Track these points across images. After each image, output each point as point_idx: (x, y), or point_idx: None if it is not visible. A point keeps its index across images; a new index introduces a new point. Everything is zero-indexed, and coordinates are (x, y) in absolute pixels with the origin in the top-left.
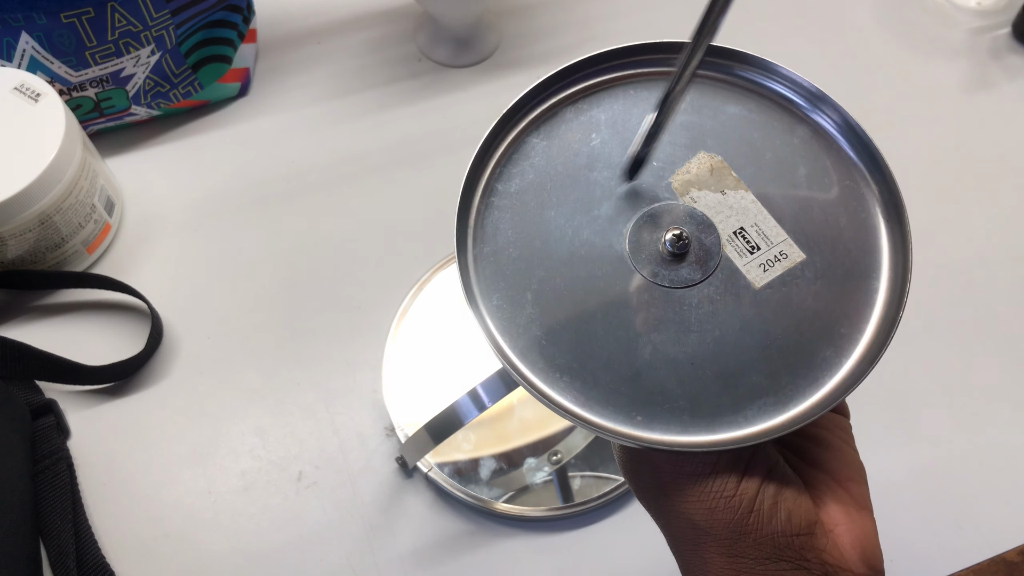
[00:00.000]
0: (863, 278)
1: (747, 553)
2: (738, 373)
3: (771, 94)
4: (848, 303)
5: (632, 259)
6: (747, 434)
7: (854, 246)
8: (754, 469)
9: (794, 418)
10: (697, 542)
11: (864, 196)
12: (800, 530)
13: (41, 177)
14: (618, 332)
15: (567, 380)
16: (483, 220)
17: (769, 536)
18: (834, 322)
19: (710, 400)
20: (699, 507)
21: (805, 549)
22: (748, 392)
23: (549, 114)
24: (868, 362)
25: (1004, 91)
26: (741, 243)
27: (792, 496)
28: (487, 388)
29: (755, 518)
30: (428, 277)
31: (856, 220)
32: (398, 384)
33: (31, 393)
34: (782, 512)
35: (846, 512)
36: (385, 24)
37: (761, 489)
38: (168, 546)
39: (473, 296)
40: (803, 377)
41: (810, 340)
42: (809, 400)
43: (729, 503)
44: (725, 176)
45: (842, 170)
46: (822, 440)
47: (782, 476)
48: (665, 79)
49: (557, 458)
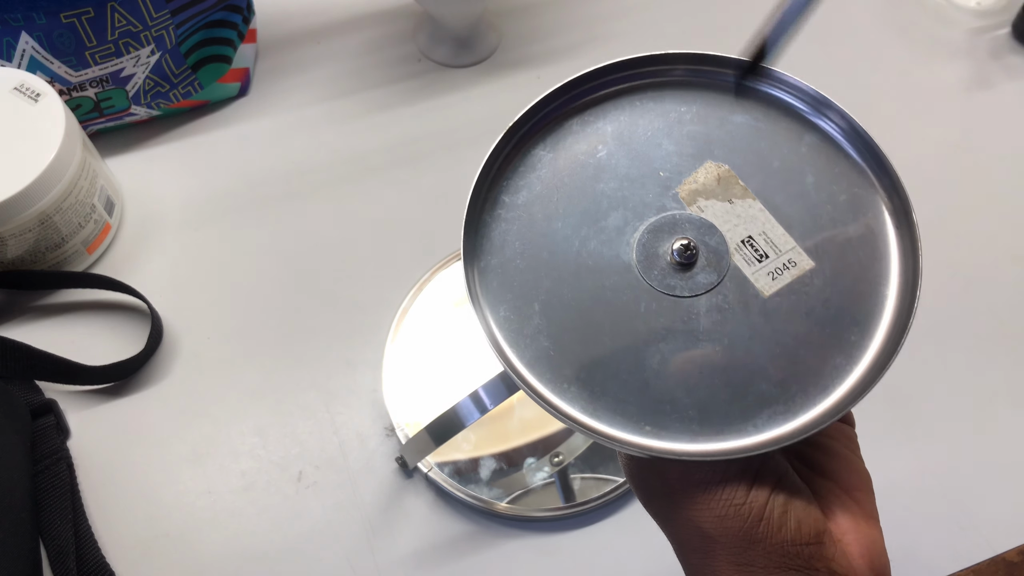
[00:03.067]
0: (873, 285)
1: (756, 562)
2: (747, 382)
3: (777, 102)
4: (858, 310)
5: (640, 269)
6: (757, 442)
7: (863, 253)
8: (764, 478)
9: (804, 426)
10: (706, 551)
11: (873, 203)
12: (810, 539)
13: (41, 177)
14: (626, 342)
15: (575, 390)
16: (490, 232)
17: (779, 545)
18: (844, 329)
19: (719, 409)
20: (709, 515)
21: (814, 559)
22: (757, 401)
23: (555, 126)
24: (879, 369)
25: (1004, 91)
26: (749, 252)
27: (802, 505)
28: (488, 390)
29: (765, 526)
30: (428, 277)
31: (865, 227)
32: (398, 384)
33: (31, 393)
34: (792, 521)
35: (854, 522)
36: (385, 24)
37: (771, 498)
38: (168, 546)
39: (480, 307)
40: (813, 385)
41: (820, 348)
42: (819, 408)
43: (739, 511)
44: (732, 185)
45: (850, 177)
46: (828, 449)
47: (792, 485)
48: (666, 88)
49: (559, 460)
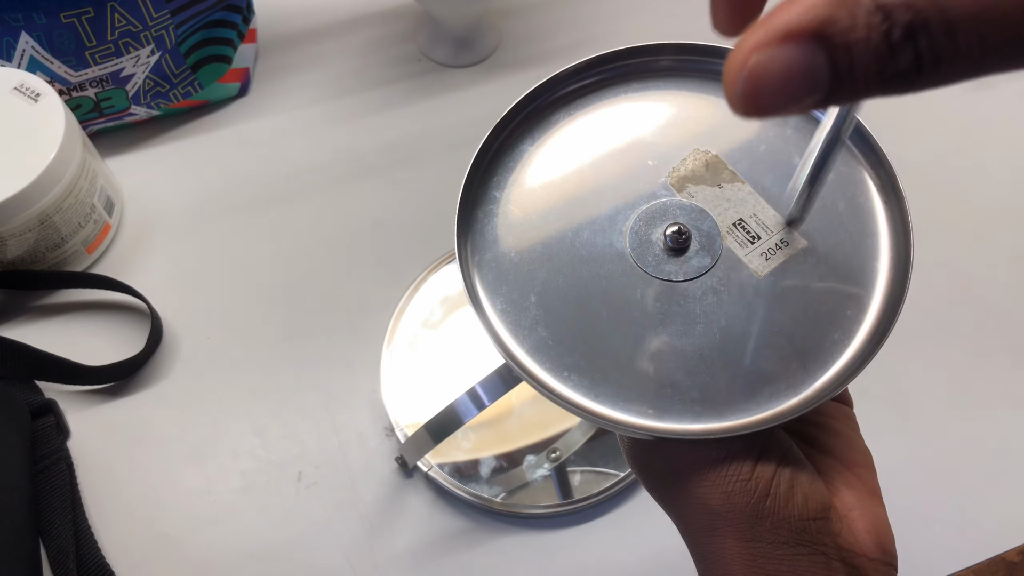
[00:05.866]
0: (866, 260)
1: (764, 537)
2: (747, 361)
3: None
4: (854, 285)
5: (633, 256)
6: (761, 418)
7: (854, 229)
8: (769, 453)
9: (807, 399)
10: (713, 528)
11: (860, 179)
12: (816, 514)
13: (41, 177)
14: (624, 328)
15: (576, 378)
16: (483, 227)
17: (786, 520)
18: (839, 305)
19: (721, 389)
20: (715, 491)
21: (822, 534)
22: (759, 379)
23: (541, 120)
24: (876, 341)
25: (1004, 91)
26: (741, 234)
27: (807, 480)
28: (486, 387)
29: (772, 501)
30: (424, 277)
31: (854, 203)
32: (396, 384)
33: (31, 393)
34: (798, 496)
35: (858, 497)
36: (385, 24)
37: (777, 473)
38: (168, 546)
39: (478, 301)
40: (813, 360)
41: (817, 324)
42: (819, 382)
43: (746, 486)
44: (721, 170)
45: (841, 156)
46: (829, 428)
47: (797, 460)
48: (650, 78)
49: (556, 455)
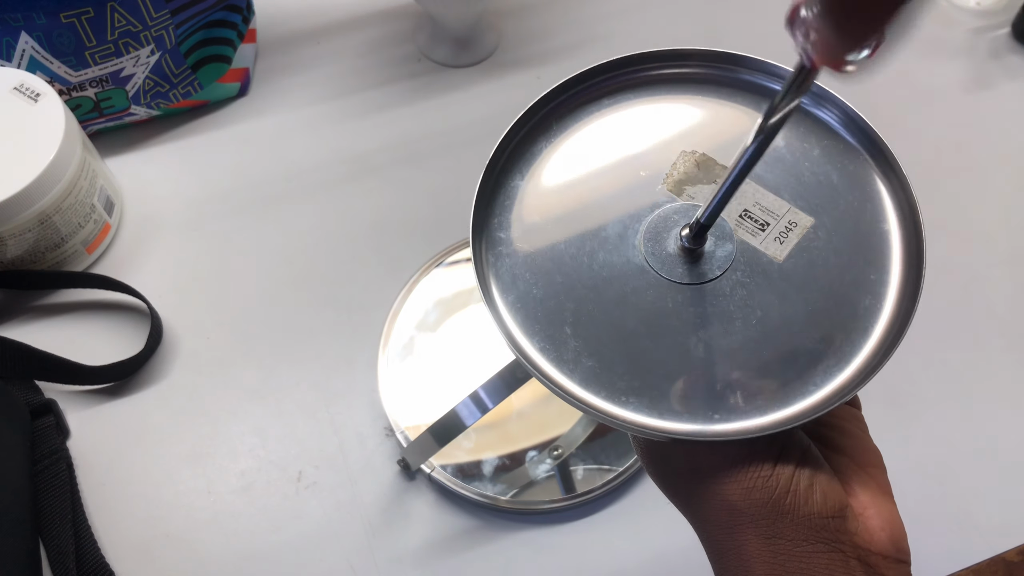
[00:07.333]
0: (873, 223)
1: (784, 534)
2: (793, 345)
3: (743, 84)
4: (869, 250)
5: (653, 267)
6: (781, 418)
7: (853, 196)
8: (789, 452)
9: (826, 400)
10: (732, 525)
11: (846, 149)
12: (835, 512)
13: (41, 177)
14: (665, 340)
15: (635, 401)
16: (498, 271)
17: (806, 517)
18: (862, 272)
19: (775, 378)
20: (736, 488)
21: (840, 532)
22: (808, 360)
23: (524, 151)
24: (911, 298)
25: (1004, 91)
26: (751, 224)
27: (826, 479)
28: (488, 390)
29: (792, 498)
30: (419, 277)
31: (847, 173)
32: (394, 386)
33: (31, 393)
34: (818, 494)
35: (872, 496)
36: (385, 24)
37: (796, 471)
38: (168, 546)
39: (519, 347)
40: (854, 330)
41: (846, 295)
42: (865, 349)
43: (767, 483)
44: (712, 166)
45: (818, 132)
46: (841, 429)
47: (815, 460)
48: (628, 90)
49: (558, 452)
